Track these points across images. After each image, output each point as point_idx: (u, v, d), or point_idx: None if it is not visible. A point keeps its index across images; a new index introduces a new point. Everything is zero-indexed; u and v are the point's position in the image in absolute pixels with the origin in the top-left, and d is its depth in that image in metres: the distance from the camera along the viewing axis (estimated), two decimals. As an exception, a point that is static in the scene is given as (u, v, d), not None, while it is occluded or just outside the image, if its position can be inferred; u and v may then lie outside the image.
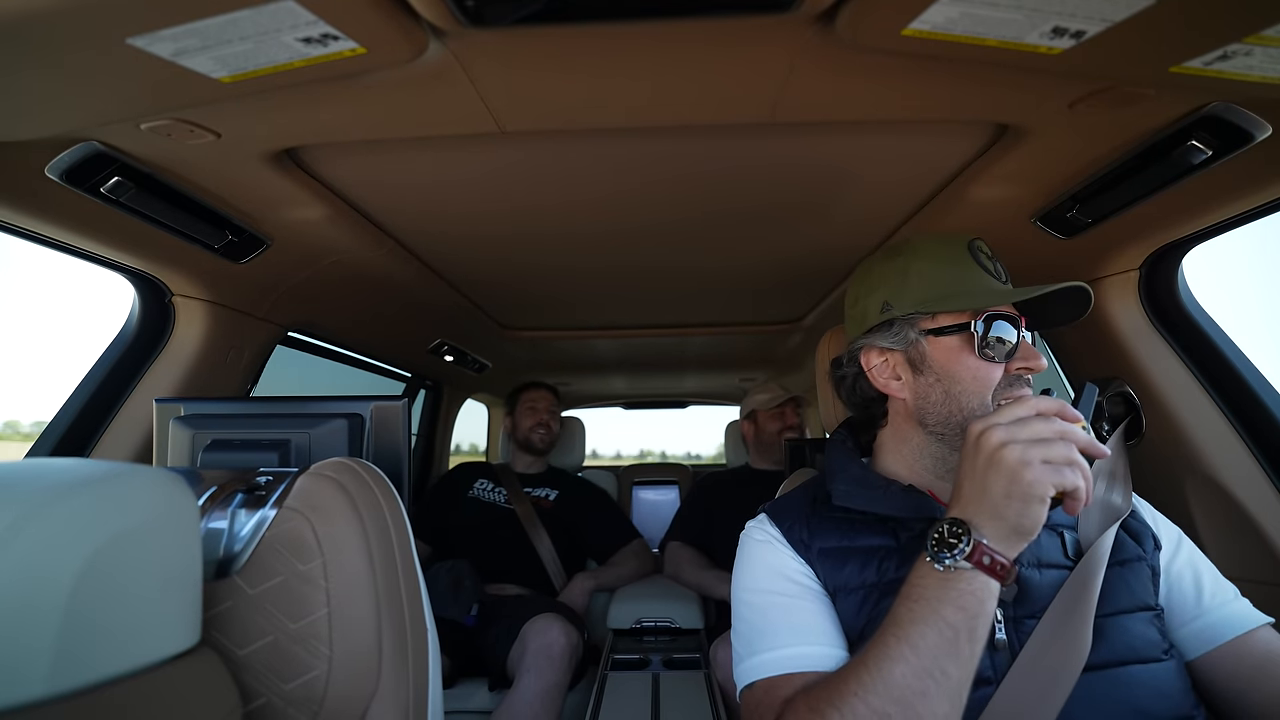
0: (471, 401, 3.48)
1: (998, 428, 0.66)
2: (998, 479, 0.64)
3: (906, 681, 0.62)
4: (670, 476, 3.39)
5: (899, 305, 0.85)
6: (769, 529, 0.88)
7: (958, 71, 0.75)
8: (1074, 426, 0.66)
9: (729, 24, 0.66)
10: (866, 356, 0.89)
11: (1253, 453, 1.15)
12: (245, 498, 0.69)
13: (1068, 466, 0.63)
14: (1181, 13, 0.59)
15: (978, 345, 0.79)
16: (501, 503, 2.35)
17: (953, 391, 0.80)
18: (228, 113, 0.82)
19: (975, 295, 0.81)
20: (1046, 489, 0.63)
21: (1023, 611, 0.75)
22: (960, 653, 0.62)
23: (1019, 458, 0.63)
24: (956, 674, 0.62)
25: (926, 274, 0.85)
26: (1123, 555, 0.79)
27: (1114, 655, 0.72)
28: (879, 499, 0.82)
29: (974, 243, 0.85)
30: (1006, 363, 0.79)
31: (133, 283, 1.29)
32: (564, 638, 1.73)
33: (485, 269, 1.68)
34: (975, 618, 0.63)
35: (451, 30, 0.65)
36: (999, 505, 0.64)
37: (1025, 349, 0.80)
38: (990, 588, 0.64)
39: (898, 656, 0.63)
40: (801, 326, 2.31)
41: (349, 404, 0.96)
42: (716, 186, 1.17)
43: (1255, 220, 1.04)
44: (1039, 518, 0.63)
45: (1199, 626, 0.77)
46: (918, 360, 0.84)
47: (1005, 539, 0.64)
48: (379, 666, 0.67)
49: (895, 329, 0.85)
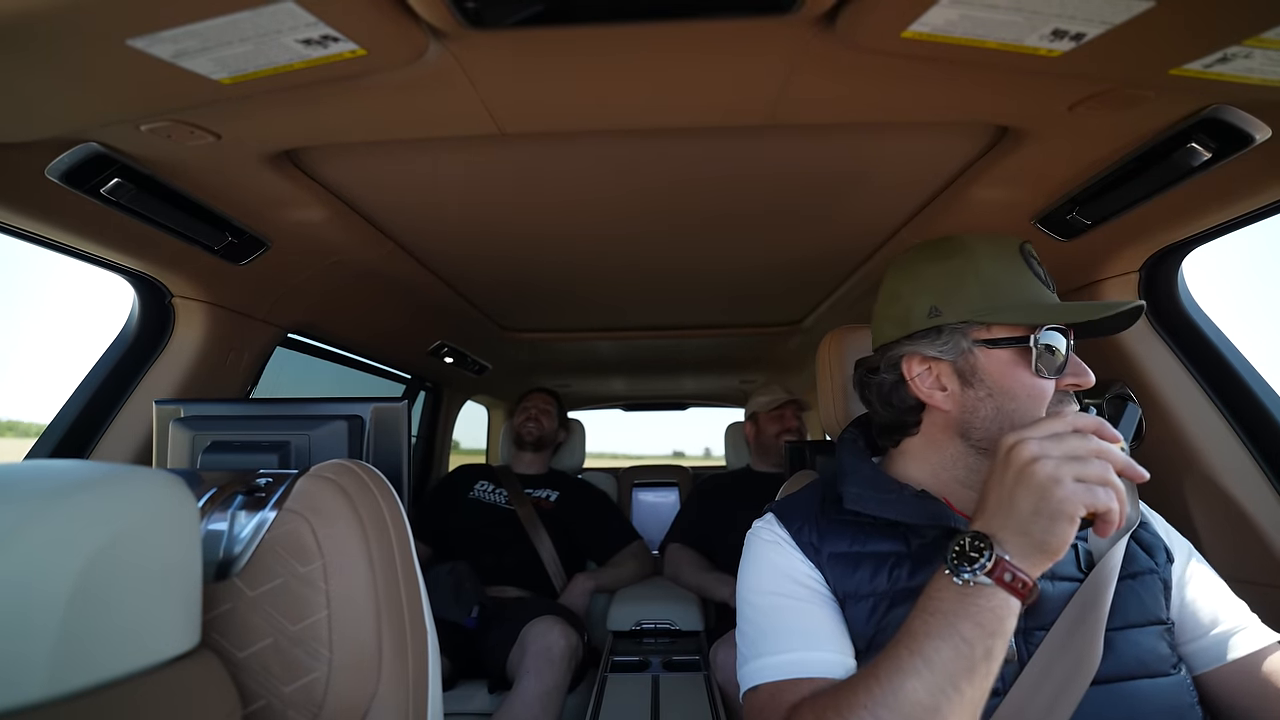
0: (471, 403, 3.48)
1: (1031, 441, 0.63)
2: (1027, 495, 0.61)
3: (918, 697, 0.60)
4: (670, 478, 3.39)
5: (950, 312, 0.79)
6: (777, 530, 0.86)
7: (957, 73, 0.75)
8: (1112, 446, 0.63)
9: (729, 26, 0.66)
10: (909, 364, 0.82)
11: (1252, 454, 1.15)
12: (245, 499, 0.68)
13: (1101, 487, 0.60)
14: (1181, 15, 0.59)
15: (1034, 361, 0.75)
16: (502, 503, 2.35)
17: (1005, 408, 0.76)
18: (228, 114, 0.82)
19: (1033, 309, 0.77)
20: (1077, 508, 0.60)
21: (1033, 623, 0.74)
22: (976, 671, 0.60)
23: (1050, 474, 0.60)
24: (970, 693, 0.60)
25: (984, 280, 0.79)
26: (1134, 568, 0.78)
27: (1123, 669, 0.71)
28: (891, 504, 0.80)
29: (1025, 246, 0.81)
30: (1056, 378, 0.76)
31: (133, 284, 1.29)
32: (563, 640, 1.72)
33: (485, 270, 1.68)
34: (993, 636, 0.61)
35: (451, 32, 0.65)
36: (1026, 521, 0.61)
37: (1075, 364, 0.76)
38: (1010, 605, 0.61)
39: (910, 670, 0.61)
40: (801, 328, 2.31)
41: (349, 406, 0.96)
42: (716, 188, 1.17)
43: (1255, 222, 1.04)
44: (1066, 537, 0.61)
45: (1207, 643, 0.76)
46: (967, 372, 0.78)
47: (1029, 556, 0.62)
48: (379, 668, 0.67)
49: (944, 337, 0.79)
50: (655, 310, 2.14)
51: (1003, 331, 0.77)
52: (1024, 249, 0.81)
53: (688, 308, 2.12)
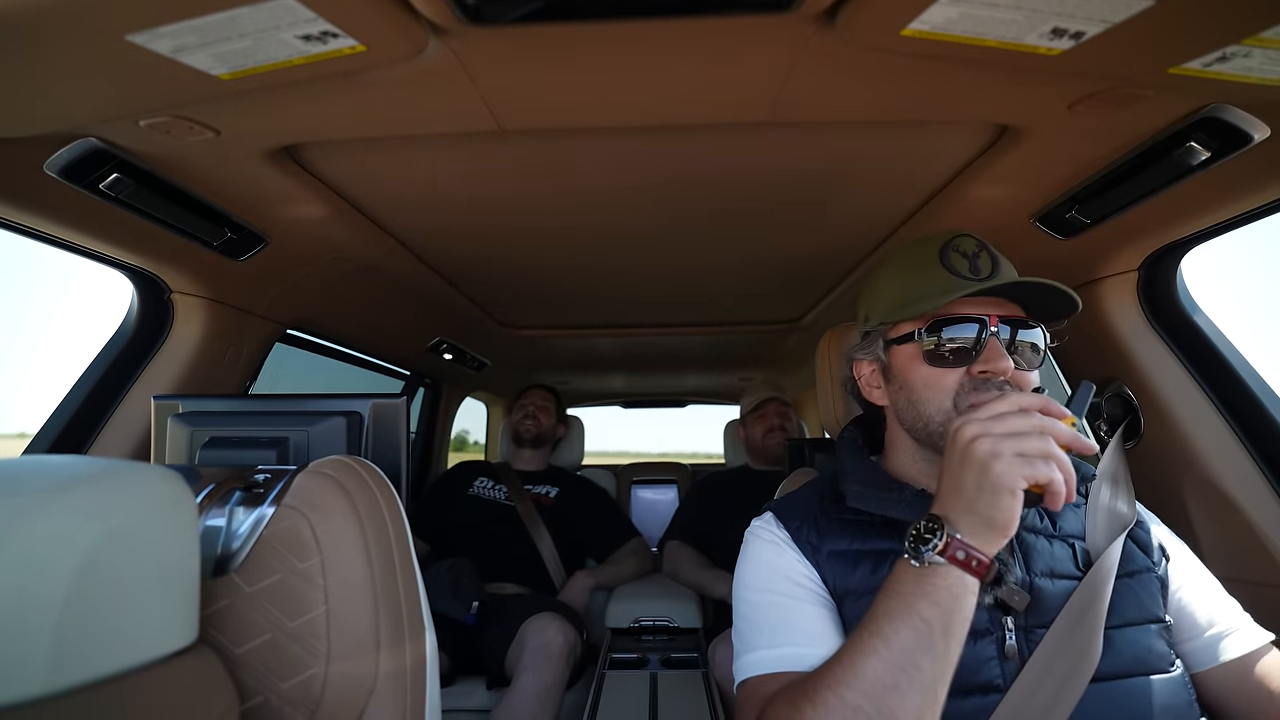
0: (470, 400, 3.48)
1: (973, 423, 0.65)
2: (970, 472, 0.64)
3: (878, 675, 0.62)
4: (669, 475, 3.39)
5: (872, 317, 0.88)
6: (775, 529, 0.87)
7: (957, 72, 0.75)
8: (1057, 421, 0.64)
9: (729, 23, 0.66)
10: (858, 367, 0.92)
11: (1250, 454, 1.15)
12: (243, 495, 0.68)
13: (1041, 460, 0.62)
14: (1180, 14, 0.59)
15: (926, 352, 0.79)
16: (502, 500, 2.35)
17: (912, 399, 0.82)
18: (227, 110, 0.82)
19: (924, 300, 0.80)
20: (1016, 480, 0.62)
21: (1034, 621, 0.74)
22: (934, 648, 0.62)
23: (989, 449, 0.63)
24: (930, 669, 0.62)
25: (892, 283, 0.87)
26: (1132, 566, 0.79)
27: (1122, 667, 0.72)
28: (893, 502, 0.81)
29: (952, 241, 0.83)
30: (970, 366, 0.78)
31: (131, 280, 1.29)
32: (561, 636, 1.73)
33: (484, 267, 1.68)
34: (950, 613, 0.63)
35: (451, 28, 0.65)
36: (971, 499, 0.64)
37: (991, 351, 0.77)
38: (965, 583, 0.63)
39: (870, 650, 0.63)
40: (800, 326, 2.31)
41: (348, 402, 0.96)
42: (716, 185, 1.17)
43: (1254, 221, 1.04)
44: (1011, 511, 0.63)
45: (1201, 644, 0.77)
46: (887, 370, 0.87)
47: (979, 533, 0.64)
48: (376, 664, 0.67)
49: (870, 340, 0.89)
50: (654, 307, 2.14)
51: (904, 328, 0.83)
52: (948, 245, 0.83)
53: (687, 305, 2.12)
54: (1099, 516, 0.83)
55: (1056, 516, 0.83)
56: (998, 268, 0.82)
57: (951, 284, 0.79)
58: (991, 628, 0.74)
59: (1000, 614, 0.74)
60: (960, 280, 0.80)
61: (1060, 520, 0.83)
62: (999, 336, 0.77)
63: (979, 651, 0.73)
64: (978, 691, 0.71)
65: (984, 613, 0.74)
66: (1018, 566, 0.77)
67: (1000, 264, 0.82)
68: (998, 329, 0.77)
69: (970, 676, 0.71)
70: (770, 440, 2.32)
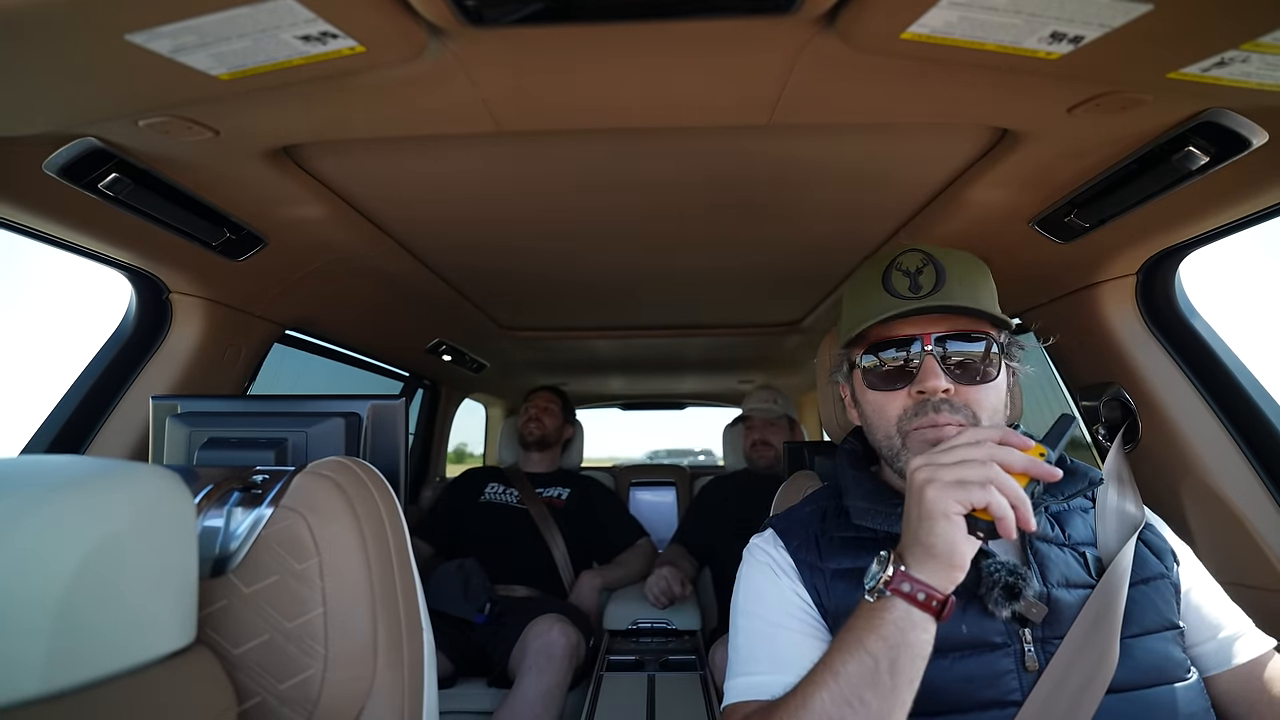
0: (469, 401, 3.48)
1: (922, 461, 0.66)
2: (913, 503, 0.65)
3: (825, 708, 0.63)
4: (668, 477, 3.39)
5: (839, 340, 0.90)
6: (773, 551, 0.86)
7: (956, 75, 0.75)
8: (1010, 449, 0.63)
9: (729, 25, 0.66)
10: (841, 387, 0.94)
11: (1248, 458, 1.15)
12: (241, 496, 0.68)
13: (978, 485, 0.61)
14: (1179, 19, 0.60)
15: (868, 376, 0.81)
16: (514, 503, 2.35)
17: (869, 424, 0.84)
18: (226, 110, 0.82)
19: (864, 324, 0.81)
20: (949, 505, 0.62)
21: (1051, 632, 0.74)
22: (880, 683, 0.62)
23: (926, 477, 0.64)
24: (876, 704, 0.62)
25: (848, 305, 0.89)
26: (1146, 573, 0.78)
27: (1141, 677, 0.71)
28: (896, 519, 0.79)
29: (896, 259, 0.82)
30: (907, 388, 0.77)
31: (130, 280, 1.29)
32: (564, 638, 1.73)
33: (483, 268, 1.68)
34: (896, 648, 0.63)
35: (451, 29, 0.65)
36: (916, 529, 0.64)
37: (925, 370, 0.76)
38: (912, 618, 0.63)
39: (820, 683, 0.64)
40: (799, 329, 2.31)
41: (346, 403, 0.96)
42: (715, 188, 1.17)
43: (1252, 226, 1.04)
44: (949, 539, 0.62)
45: (1212, 648, 0.77)
46: (854, 393, 0.89)
47: (924, 565, 0.64)
48: (374, 666, 0.67)
49: (839, 363, 0.91)
50: (654, 309, 2.14)
51: (854, 352, 0.85)
52: (891, 265, 0.82)
53: (686, 307, 2.12)
54: (1109, 519, 0.82)
55: (1067, 524, 0.82)
56: (941, 282, 0.79)
57: (887, 305, 0.80)
58: (1009, 640, 0.73)
59: (1018, 626, 0.74)
60: (895, 300, 0.80)
61: (1069, 528, 0.82)
62: (934, 354, 0.77)
63: (997, 665, 0.72)
64: (996, 705, 0.71)
65: (1000, 625, 0.73)
66: (1035, 578, 0.75)
67: (945, 278, 0.79)
68: (932, 347, 0.77)
69: (989, 689, 0.71)
70: (755, 453, 2.37)
